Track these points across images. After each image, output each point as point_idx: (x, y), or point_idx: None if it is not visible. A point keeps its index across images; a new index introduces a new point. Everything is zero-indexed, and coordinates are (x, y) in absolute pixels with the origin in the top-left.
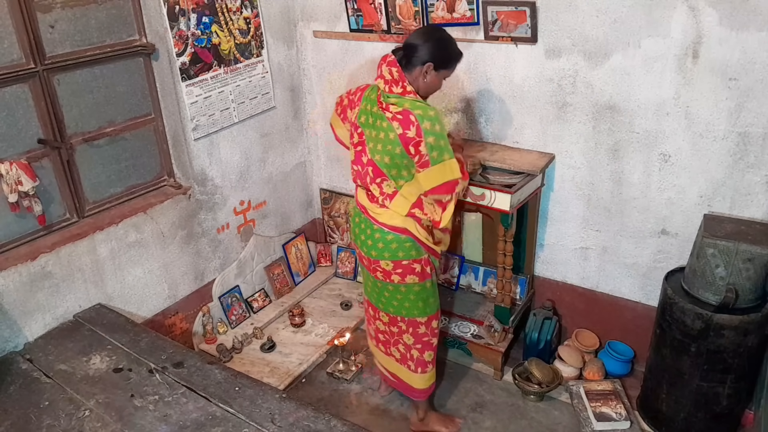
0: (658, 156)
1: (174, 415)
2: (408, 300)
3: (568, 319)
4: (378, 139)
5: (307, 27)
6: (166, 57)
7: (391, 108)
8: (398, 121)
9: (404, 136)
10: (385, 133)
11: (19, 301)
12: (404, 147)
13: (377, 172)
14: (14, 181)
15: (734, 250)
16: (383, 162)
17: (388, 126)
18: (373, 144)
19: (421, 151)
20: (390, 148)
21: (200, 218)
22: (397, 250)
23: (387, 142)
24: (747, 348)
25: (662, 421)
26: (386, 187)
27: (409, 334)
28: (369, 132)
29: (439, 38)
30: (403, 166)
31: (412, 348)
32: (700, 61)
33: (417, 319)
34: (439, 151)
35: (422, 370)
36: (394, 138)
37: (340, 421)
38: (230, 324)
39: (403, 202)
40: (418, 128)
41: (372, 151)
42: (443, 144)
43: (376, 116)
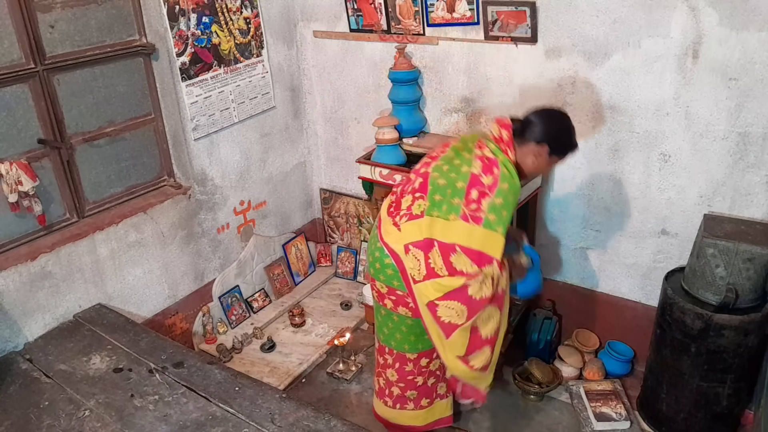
0: (658, 156)
1: (174, 415)
2: (399, 332)
3: (568, 319)
4: (450, 162)
5: (307, 27)
6: (166, 57)
7: (485, 150)
8: (483, 162)
9: (477, 178)
10: (461, 163)
11: (19, 301)
12: (468, 187)
13: (422, 186)
14: (14, 181)
15: (734, 250)
16: (436, 181)
17: (469, 160)
18: (442, 163)
19: (481, 204)
20: (453, 176)
21: (200, 218)
22: (392, 278)
23: (456, 170)
24: (747, 348)
25: (662, 421)
26: (416, 207)
27: (394, 369)
28: (451, 153)
29: (564, 126)
30: (447, 200)
31: (394, 385)
32: (700, 61)
33: (406, 355)
34: (497, 217)
35: (401, 406)
36: (466, 172)
37: (340, 421)
38: (230, 324)
39: (416, 232)
40: (495, 182)
41: (436, 167)
42: (505, 216)
43: (469, 150)
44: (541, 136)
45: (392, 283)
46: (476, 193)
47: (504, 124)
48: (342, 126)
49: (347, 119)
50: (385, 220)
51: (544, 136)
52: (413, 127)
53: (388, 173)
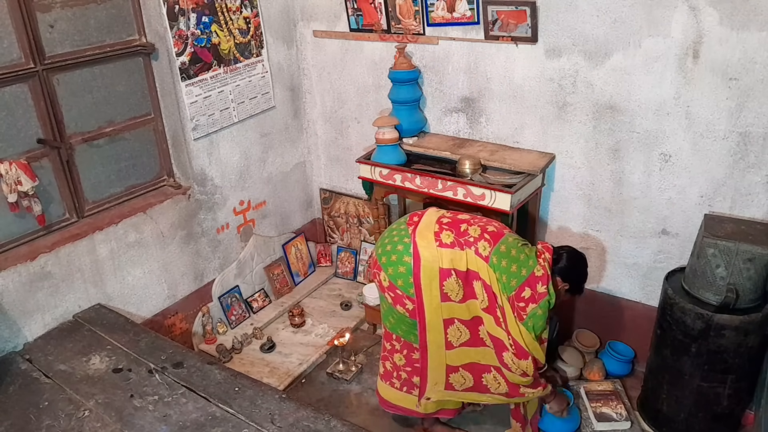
0: (658, 156)
1: (174, 415)
2: (401, 327)
3: (568, 319)
4: (522, 248)
5: (307, 27)
6: (165, 57)
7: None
8: (544, 271)
9: (536, 280)
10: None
11: (19, 301)
12: (526, 282)
13: (495, 235)
14: (14, 180)
15: (735, 250)
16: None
17: (535, 260)
18: (517, 239)
19: (528, 307)
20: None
21: (200, 218)
22: (399, 277)
23: (526, 257)
24: (747, 348)
25: (662, 421)
26: (481, 246)
27: (402, 355)
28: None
29: (585, 273)
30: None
31: (402, 369)
32: (701, 61)
33: (413, 344)
34: (534, 324)
35: (408, 390)
36: (531, 266)
37: (340, 422)
38: (230, 324)
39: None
40: (544, 294)
41: (511, 236)
42: (540, 325)
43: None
44: (567, 276)
45: (396, 281)
46: (528, 293)
47: (549, 250)
48: (342, 126)
49: (347, 119)
50: (430, 225)
51: (570, 276)
52: (413, 127)
53: (388, 173)
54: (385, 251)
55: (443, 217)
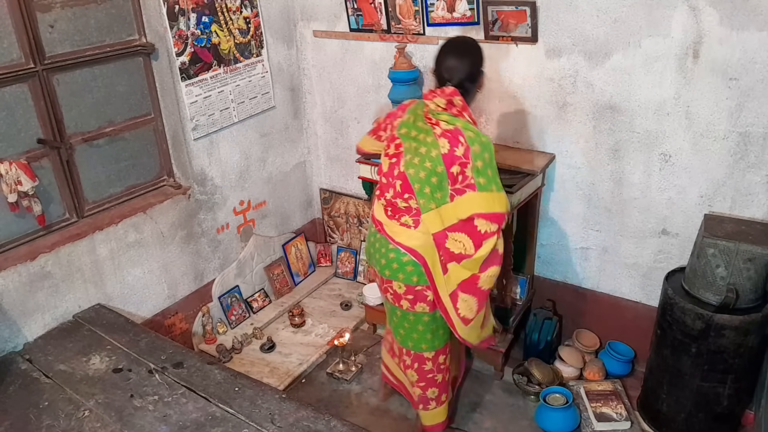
0: (658, 156)
1: (174, 415)
2: (416, 331)
3: (568, 319)
4: (418, 153)
5: (307, 27)
6: (165, 57)
7: (441, 124)
8: (447, 138)
9: (449, 155)
10: (428, 149)
11: (19, 301)
12: (447, 167)
13: (406, 187)
14: (14, 181)
15: (735, 250)
16: (417, 176)
17: (432, 142)
18: (411, 157)
19: (466, 173)
20: (429, 166)
21: (200, 218)
22: (412, 274)
23: (427, 158)
24: (747, 348)
25: (662, 421)
26: (412, 204)
27: (414, 370)
28: (409, 144)
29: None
30: (437, 187)
31: (415, 386)
32: (701, 61)
33: (424, 354)
34: (486, 179)
35: (424, 407)
36: (436, 156)
37: (340, 422)
38: (230, 324)
39: (424, 229)
40: (467, 149)
41: (407, 164)
42: (491, 174)
43: (421, 130)
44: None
45: (411, 280)
46: (457, 168)
47: (450, 92)
48: (342, 126)
49: (347, 119)
50: (388, 223)
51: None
52: None
53: None
54: (383, 265)
55: (386, 210)
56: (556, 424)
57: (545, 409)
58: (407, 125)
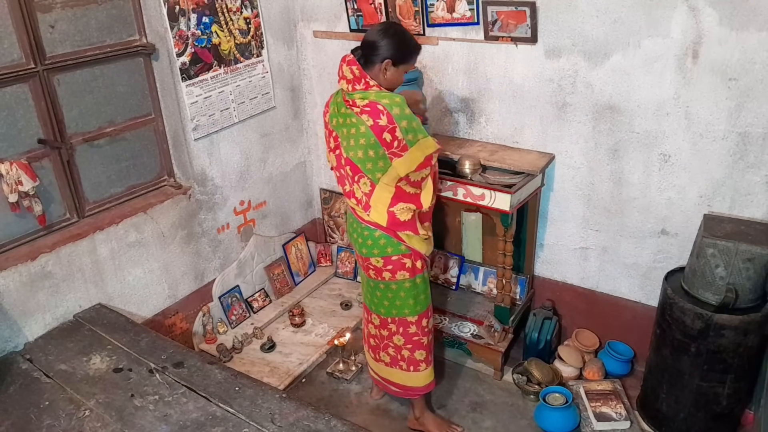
0: (658, 156)
1: (174, 415)
2: (398, 298)
3: (568, 319)
4: (350, 135)
5: (307, 27)
6: (166, 57)
7: (357, 103)
8: (367, 113)
9: (376, 126)
10: (356, 128)
11: (19, 301)
12: (378, 137)
13: (355, 170)
14: (14, 181)
15: (734, 250)
16: (357, 157)
17: (357, 120)
18: (347, 142)
19: (398, 136)
20: (363, 142)
21: (200, 218)
22: (386, 246)
23: (359, 136)
24: (747, 348)
25: (662, 421)
26: (363, 185)
27: (400, 335)
28: (342, 131)
29: (395, 33)
30: (378, 157)
31: (403, 348)
32: (700, 61)
33: (407, 319)
34: (413, 132)
35: (415, 368)
36: (365, 131)
37: (340, 421)
38: (230, 324)
39: (382, 195)
40: (388, 116)
41: (346, 149)
42: (416, 126)
43: (345, 115)
44: (382, 54)
45: (386, 251)
46: (388, 135)
47: (349, 60)
48: None
49: None
50: (358, 212)
51: (384, 52)
52: None
53: None
54: (360, 244)
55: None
56: (555, 424)
57: (545, 408)
58: (335, 115)
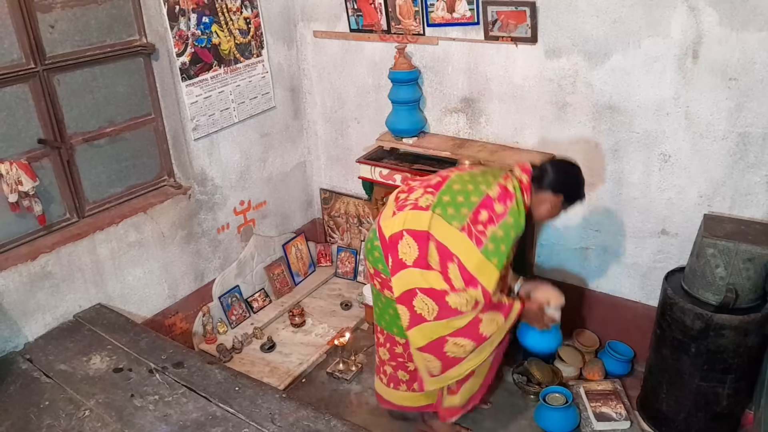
0: (658, 156)
1: (174, 415)
2: (387, 314)
3: (568, 319)
4: (473, 177)
5: (307, 27)
6: (166, 57)
7: (507, 182)
8: (501, 190)
9: (491, 201)
10: (482, 182)
11: (19, 301)
12: (479, 206)
13: (437, 185)
14: (14, 181)
15: (734, 250)
16: (452, 185)
17: (491, 183)
18: (466, 175)
19: (487, 229)
20: (471, 188)
21: (200, 218)
22: (378, 261)
23: (475, 185)
24: (747, 348)
25: (662, 421)
26: (423, 200)
27: (386, 349)
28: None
29: (579, 179)
30: (456, 206)
31: (386, 364)
32: (700, 61)
33: (395, 338)
34: (495, 247)
35: (395, 386)
36: (483, 191)
37: (340, 421)
38: (230, 324)
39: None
40: (505, 212)
41: (458, 175)
42: (503, 250)
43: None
44: (558, 187)
45: (378, 265)
46: (485, 215)
47: (525, 168)
48: (342, 126)
49: (347, 119)
50: (390, 205)
51: (561, 187)
52: (413, 127)
53: (388, 173)
54: (365, 244)
55: (400, 193)
56: (555, 424)
57: (545, 408)
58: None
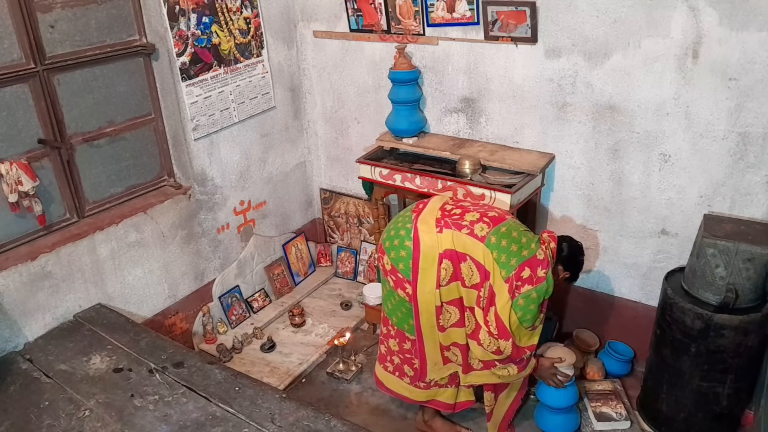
0: (658, 156)
1: (174, 415)
2: (400, 311)
3: (568, 319)
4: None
5: (307, 27)
6: (166, 57)
7: (548, 248)
8: (546, 257)
9: (537, 263)
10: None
11: (19, 301)
12: (526, 262)
13: (494, 219)
14: (14, 181)
15: (734, 250)
16: (509, 230)
17: (538, 243)
18: (518, 224)
19: (523, 287)
20: (524, 241)
21: (200, 218)
22: (400, 261)
23: (527, 239)
24: (747, 348)
25: (662, 421)
26: (478, 228)
27: (396, 341)
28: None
29: (582, 262)
30: (508, 252)
31: (395, 354)
32: (700, 61)
33: (405, 334)
34: (526, 305)
35: (400, 376)
36: (534, 249)
37: (340, 421)
38: (230, 324)
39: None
40: (542, 279)
41: (513, 221)
42: (532, 308)
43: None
44: (568, 265)
45: (398, 264)
46: (528, 273)
47: (554, 238)
48: (342, 126)
49: (347, 119)
50: (433, 211)
51: (571, 266)
52: (413, 127)
53: (388, 173)
54: (389, 236)
55: (446, 204)
56: (556, 428)
57: (546, 411)
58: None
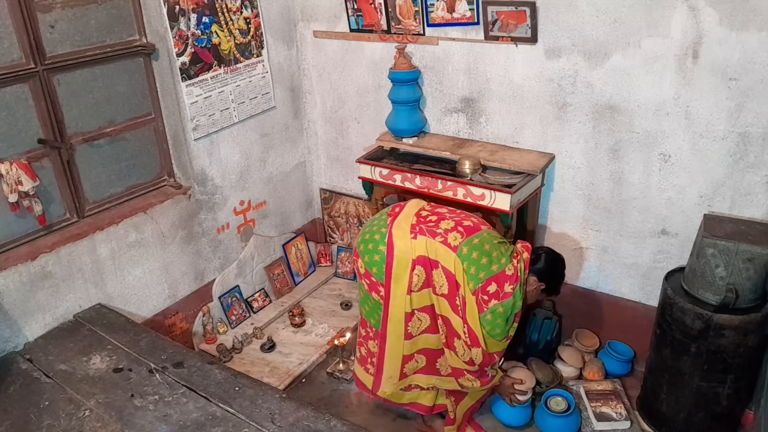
0: (658, 156)
1: (174, 415)
2: (376, 313)
3: (568, 319)
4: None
5: (307, 27)
6: (166, 57)
7: (520, 263)
8: (515, 272)
9: (505, 278)
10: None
11: (19, 301)
12: (494, 277)
13: (469, 229)
14: (14, 181)
15: (734, 250)
16: (482, 241)
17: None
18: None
19: (490, 302)
20: (496, 255)
21: (200, 218)
22: (373, 265)
23: (499, 253)
24: (747, 348)
25: (662, 421)
26: (452, 238)
27: (375, 342)
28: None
29: (562, 274)
30: (477, 265)
31: (375, 356)
32: (700, 61)
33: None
34: (493, 319)
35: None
36: (503, 264)
37: (340, 421)
38: (230, 324)
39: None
40: (510, 294)
41: (488, 232)
42: (499, 323)
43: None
44: (544, 277)
45: (372, 269)
46: (494, 288)
47: (527, 248)
48: (342, 126)
49: (347, 119)
50: (408, 216)
51: (547, 278)
52: (413, 127)
53: (388, 173)
54: (364, 239)
55: (422, 210)
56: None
57: (547, 415)
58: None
